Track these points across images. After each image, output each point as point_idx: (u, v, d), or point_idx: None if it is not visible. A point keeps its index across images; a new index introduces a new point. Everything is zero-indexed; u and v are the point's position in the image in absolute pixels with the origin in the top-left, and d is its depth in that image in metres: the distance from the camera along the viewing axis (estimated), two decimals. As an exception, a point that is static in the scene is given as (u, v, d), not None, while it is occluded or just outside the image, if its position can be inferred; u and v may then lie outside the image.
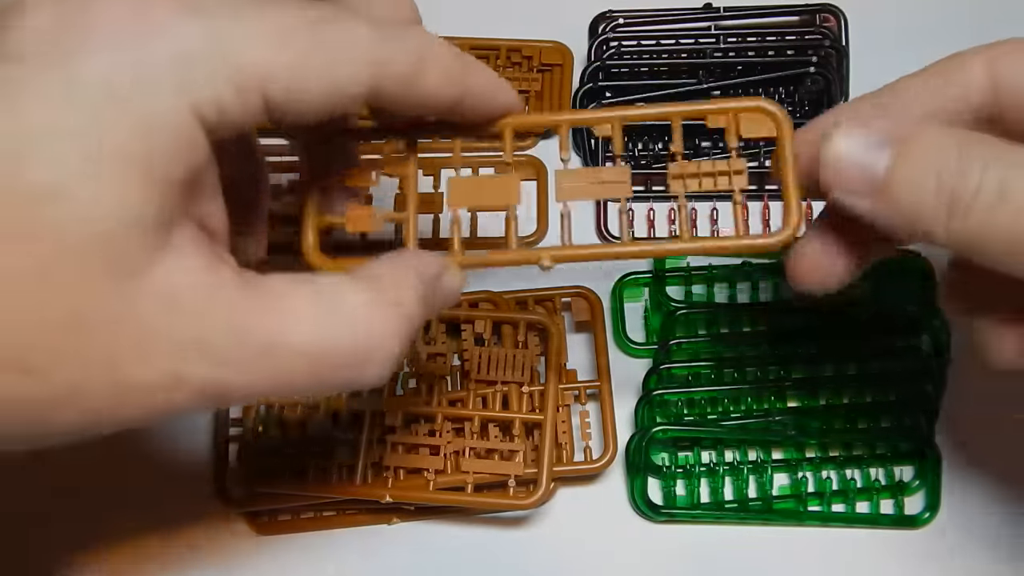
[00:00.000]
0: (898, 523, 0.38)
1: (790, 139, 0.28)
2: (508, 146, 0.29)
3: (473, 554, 0.38)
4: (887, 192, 0.24)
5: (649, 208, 0.44)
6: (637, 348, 0.41)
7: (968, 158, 0.23)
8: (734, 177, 0.28)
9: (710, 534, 0.38)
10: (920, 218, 0.24)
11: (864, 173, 0.24)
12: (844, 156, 0.25)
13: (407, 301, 0.24)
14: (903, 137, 0.24)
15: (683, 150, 0.29)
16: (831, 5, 0.46)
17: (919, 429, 0.38)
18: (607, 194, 0.28)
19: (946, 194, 0.23)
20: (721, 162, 0.28)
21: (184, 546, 0.39)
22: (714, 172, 0.28)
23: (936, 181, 0.23)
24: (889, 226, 0.25)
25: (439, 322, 0.40)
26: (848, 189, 0.25)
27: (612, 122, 0.28)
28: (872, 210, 0.25)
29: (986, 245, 0.23)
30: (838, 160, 0.25)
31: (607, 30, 0.47)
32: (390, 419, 0.38)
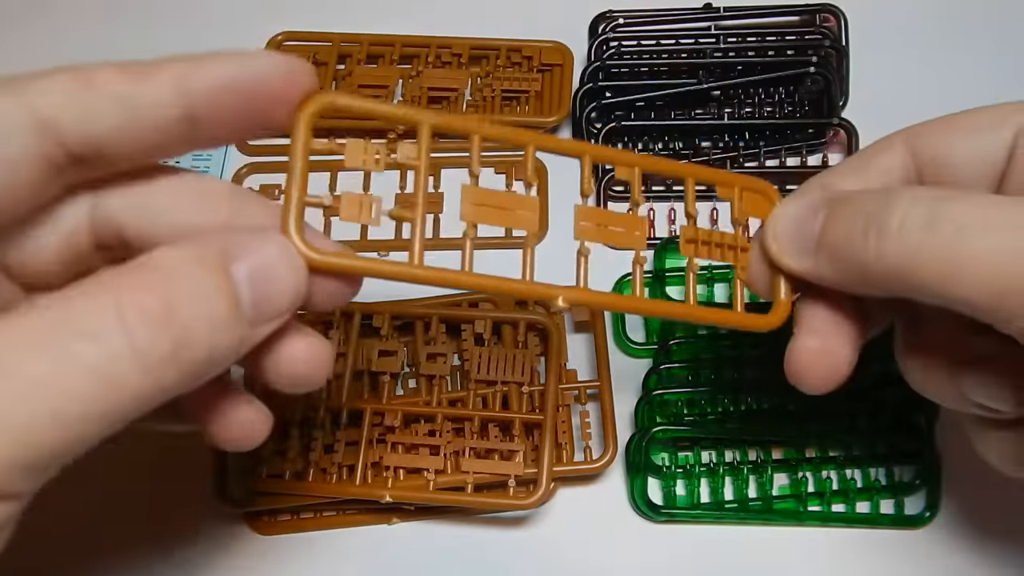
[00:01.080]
0: (898, 523, 0.38)
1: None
2: (530, 165, 0.26)
3: (473, 554, 0.38)
4: (823, 244, 0.26)
5: (649, 208, 0.44)
6: (637, 348, 0.41)
7: (894, 197, 0.25)
8: (739, 254, 0.29)
9: (710, 534, 0.38)
10: (852, 256, 0.25)
11: (803, 234, 0.27)
12: (783, 225, 0.27)
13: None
14: (835, 198, 0.27)
15: (696, 213, 0.29)
16: (831, 5, 0.47)
17: (919, 429, 0.38)
18: (621, 243, 0.27)
19: (874, 227, 0.25)
20: (729, 236, 0.29)
21: (184, 546, 0.39)
22: (723, 244, 0.29)
23: (864, 220, 0.25)
24: (832, 278, 0.26)
25: (439, 322, 0.40)
26: (792, 251, 0.27)
27: (633, 165, 0.28)
28: (815, 266, 0.27)
29: (916, 273, 0.24)
30: (781, 230, 0.27)
31: (607, 30, 0.47)
32: (390, 419, 0.38)
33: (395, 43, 0.49)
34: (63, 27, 0.52)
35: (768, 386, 0.39)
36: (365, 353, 0.39)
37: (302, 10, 0.51)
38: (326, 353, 0.25)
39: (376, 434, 0.38)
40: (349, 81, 0.47)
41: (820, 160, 0.45)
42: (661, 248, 0.42)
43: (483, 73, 0.48)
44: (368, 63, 0.49)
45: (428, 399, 0.39)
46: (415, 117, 0.25)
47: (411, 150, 0.25)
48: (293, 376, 0.24)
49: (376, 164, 0.25)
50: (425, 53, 0.48)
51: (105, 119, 0.21)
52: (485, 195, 0.26)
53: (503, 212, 0.26)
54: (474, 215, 0.25)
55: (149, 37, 0.51)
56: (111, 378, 0.19)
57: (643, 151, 0.45)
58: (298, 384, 0.24)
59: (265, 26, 0.49)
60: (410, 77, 0.48)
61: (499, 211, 0.26)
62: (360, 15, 0.50)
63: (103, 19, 0.52)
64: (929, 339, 0.29)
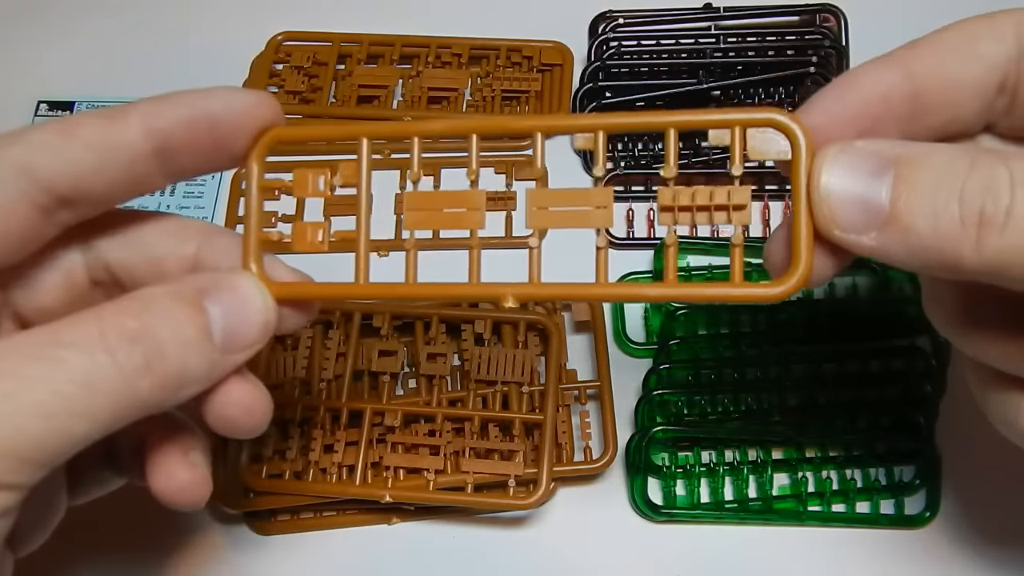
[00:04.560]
0: (898, 523, 0.38)
1: (808, 164, 0.23)
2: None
3: (473, 554, 0.38)
4: (895, 224, 0.22)
5: (649, 208, 0.44)
6: (637, 348, 0.41)
7: (995, 174, 0.21)
8: (734, 214, 0.23)
9: (710, 534, 0.38)
10: (943, 246, 0.21)
11: (863, 207, 0.22)
12: (836, 191, 0.22)
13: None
14: (902, 158, 0.22)
15: (676, 173, 0.24)
16: (831, 5, 0.47)
17: (919, 429, 0.38)
18: (586, 223, 0.24)
19: (973, 217, 0.21)
20: (720, 191, 0.23)
21: (184, 546, 0.38)
22: (710, 206, 0.23)
23: (958, 204, 0.21)
24: (901, 261, 0.22)
25: (439, 322, 0.40)
26: (849, 224, 0.22)
27: (595, 130, 0.24)
28: (879, 246, 0.22)
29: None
30: (830, 196, 0.22)
31: (607, 30, 0.47)
32: (390, 419, 0.38)
33: (395, 43, 0.49)
34: (63, 27, 0.52)
35: (768, 386, 0.39)
36: (365, 353, 0.39)
37: (302, 10, 0.51)
38: (262, 404, 0.26)
39: (376, 434, 0.38)
40: (349, 81, 0.47)
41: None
42: (661, 248, 0.42)
43: (483, 73, 0.48)
44: (368, 63, 0.49)
45: (428, 399, 0.39)
46: (354, 131, 0.26)
47: (349, 169, 0.26)
48: (227, 420, 0.26)
49: (322, 190, 0.26)
50: (425, 53, 0.48)
51: (84, 163, 0.24)
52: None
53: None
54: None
55: (149, 37, 0.51)
56: (92, 382, 0.22)
57: (643, 151, 0.45)
58: (232, 429, 0.26)
59: (265, 26, 0.49)
60: (410, 77, 0.48)
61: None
62: (360, 15, 0.50)
63: (103, 19, 0.52)
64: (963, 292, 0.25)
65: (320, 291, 0.27)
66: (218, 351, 0.24)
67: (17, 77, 0.50)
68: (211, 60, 0.50)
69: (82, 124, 0.24)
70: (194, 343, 0.24)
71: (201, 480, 0.27)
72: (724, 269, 0.41)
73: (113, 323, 0.23)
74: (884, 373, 0.39)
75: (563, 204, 0.24)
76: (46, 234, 0.25)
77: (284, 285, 0.26)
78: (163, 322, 0.23)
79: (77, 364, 0.22)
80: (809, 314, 0.40)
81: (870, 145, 0.23)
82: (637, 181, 0.45)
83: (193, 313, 0.24)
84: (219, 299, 0.24)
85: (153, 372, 0.23)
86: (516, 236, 0.44)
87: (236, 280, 0.25)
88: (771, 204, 0.43)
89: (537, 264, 0.24)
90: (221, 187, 0.47)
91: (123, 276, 0.27)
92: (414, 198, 0.25)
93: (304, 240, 0.26)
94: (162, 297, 0.24)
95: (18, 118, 0.49)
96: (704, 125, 0.23)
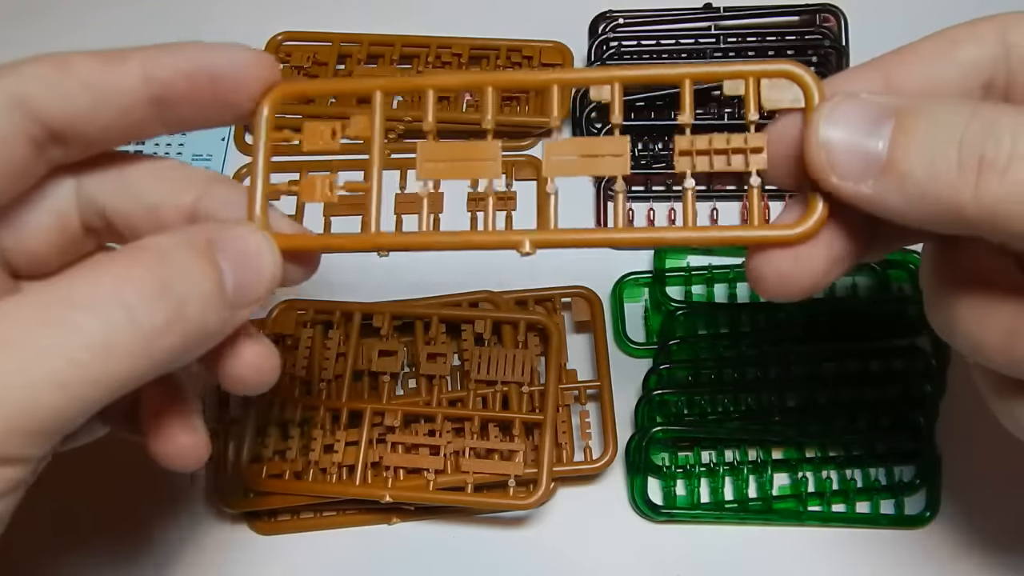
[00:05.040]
0: (898, 523, 0.38)
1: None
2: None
3: (473, 554, 0.38)
4: (892, 171, 0.21)
5: (649, 208, 0.44)
6: (637, 348, 0.41)
7: (997, 119, 0.21)
8: (751, 156, 0.24)
9: (710, 534, 0.38)
10: (940, 192, 0.21)
11: (861, 155, 0.22)
12: (835, 139, 0.22)
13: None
14: (902, 108, 0.22)
15: (692, 120, 0.24)
16: (831, 5, 0.47)
17: (919, 429, 0.38)
18: (602, 170, 0.24)
19: (972, 162, 0.20)
20: (736, 137, 0.24)
21: (185, 546, 0.38)
22: (727, 149, 0.24)
23: (957, 147, 0.21)
24: (897, 211, 0.22)
25: (439, 322, 0.40)
26: (845, 171, 0.22)
27: (611, 82, 0.24)
28: (875, 195, 0.22)
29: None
30: (828, 143, 0.22)
31: (607, 30, 0.47)
32: (390, 419, 0.38)
33: (395, 43, 0.48)
34: (63, 27, 0.52)
35: (768, 386, 0.39)
36: (365, 353, 0.39)
37: (302, 10, 0.51)
38: (272, 360, 0.26)
39: (376, 434, 0.38)
40: (349, 81, 0.48)
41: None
42: (661, 248, 0.42)
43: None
44: (368, 63, 0.48)
45: (428, 399, 0.39)
46: (366, 85, 0.26)
47: (362, 122, 0.25)
48: (241, 380, 0.26)
49: (332, 142, 0.26)
50: (425, 53, 0.48)
51: (79, 100, 0.23)
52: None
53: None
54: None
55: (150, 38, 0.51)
56: (110, 345, 0.21)
57: (643, 151, 0.45)
58: (247, 387, 0.26)
59: (265, 26, 0.49)
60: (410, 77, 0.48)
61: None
62: (360, 15, 0.50)
63: (103, 18, 0.52)
64: (972, 270, 0.24)
65: (326, 242, 0.26)
66: (229, 306, 0.23)
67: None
68: (211, 60, 0.50)
69: (80, 62, 0.24)
70: (212, 298, 0.23)
71: (201, 443, 0.26)
72: (724, 269, 0.41)
73: (129, 278, 0.21)
74: (884, 373, 0.39)
75: (579, 153, 0.24)
76: (37, 172, 0.24)
77: (288, 237, 0.25)
78: (182, 276, 0.22)
79: (93, 328, 0.21)
80: (809, 314, 0.40)
81: (872, 96, 0.23)
82: (637, 181, 0.45)
83: (209, 266, 0.23)
84: (229, 252, 0.24)
85: (173, 331, 0.22)
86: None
87: (245, 232, 0.24)
88: (771, 205, 0.43)
89: (555, 212, 0.25)
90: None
91: (118, 223, 0.26)
92: (430, 148, 0.25)
93: (313, 191, 0.26)
94: (176, 248, 0.23)
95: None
96: (718, 76, 0.24)
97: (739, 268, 0.41)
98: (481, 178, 0.25)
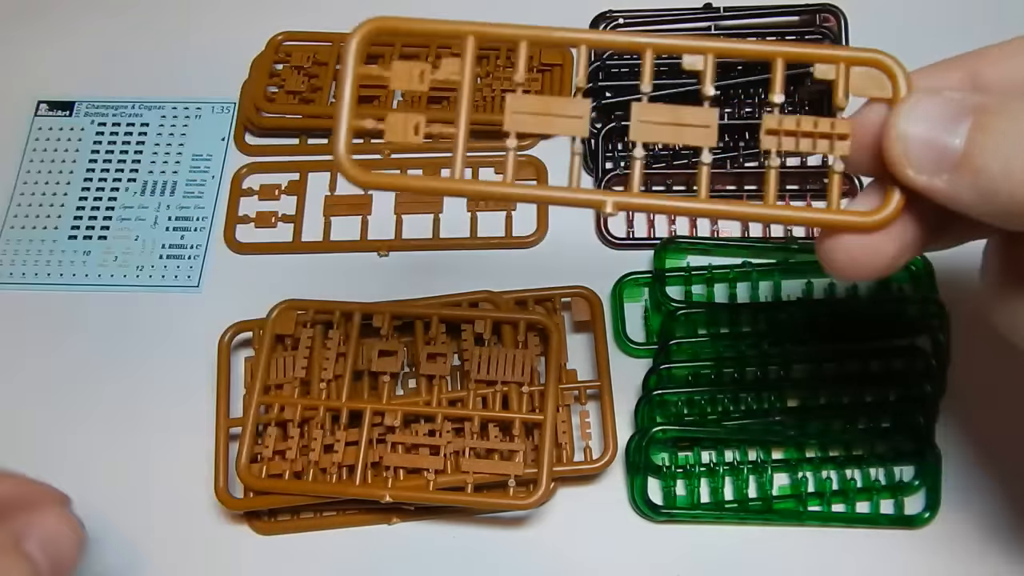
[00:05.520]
0: (898, 523, 0.38)
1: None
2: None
3: (473, 554, 0.38)
4: (967, 166, 0.22)
5: (649, 208, 0.44)
6: (637, 348, 0.41)
7: None
8: (836, 142, 0.24)
9: (710, 534, 0.38)
10: (1014, 189, 0.21)
11: (937, 149, 0.22)
12: (912, 132, 0.23)
13: None
14: (980, 106, 0.22)
15: (783, 100, 0.25)
16: (831, 5, 0.47)
17: (919, 429, 0.38)
18: (690, 139, 0.25)
19: None
20: (824, 121, 0.24)
21: (184, 546, 0.39)
22: (814, 132, 0.24)
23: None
24: (970, 206, 0.22)
25: (439, 322, 0.40)
26: (920, 164, 0.23)
27: (705, 53, 0.25)
28: (949, 189, 0.22)
29: None
30: (906, 137, 0.23)
31: (607, 30, 0.47)
32: (390, 419, 0.38)
33: (395, 43, 0.48)
34: (63, 27, 0.52)
35: (768, 386, 0.39)
36: (365, 353, 0.39)
37: (302, 10, 0.51)
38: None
39: (376, 434, 0.38)
40: (349, 81, 0.47)
41: (820, 160, 0.45)
42: (661, 248, 0.42)
43: (483, 73, 0.48)
44: (368, 63, 0.48)
45: (428, 399, 0.39)
46: (457, 29, 0.26)
47: (454, 65, 0.25)
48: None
49: (421, 83, 0.26)
50: (425, 53, 0.48)
51: None
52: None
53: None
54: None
55: (150, 37, 0.51)
56: None
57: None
58: None
59: (265, 26, 0.49)
60: (410, 77, 0.48)
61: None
62: (360, 15, 0.50)
63: (103, 19, 0.52)
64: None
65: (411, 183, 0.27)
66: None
67: (17, 77, 0.50)
68: (211, 60, 0.50)
69: None
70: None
71: None
72: (724, 269, 0.41)
73: None
74: (884, 373, 0.39)
75: (667, 120, 0.25)
76: None
77: (377, 174, 0.25)
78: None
79: None
80: (809, 314, 0.40)
81: (953, 93, 0.23)
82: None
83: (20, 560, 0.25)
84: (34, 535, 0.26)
85: None
86: (516, 236, 0.44)
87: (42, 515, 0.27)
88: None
89: (640, 174, 0.25)
90: (221, 187, 0.47)
91: None
92: (519, 100, 0.25)
93: (398, 130, 0.25)
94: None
95: (18, 118, 0.49)
96: (812, 58, 0.25)
97: (739, 268, 0.41)
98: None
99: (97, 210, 0.46)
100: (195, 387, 0.41)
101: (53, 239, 0.46)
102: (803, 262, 0.41)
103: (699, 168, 0.25)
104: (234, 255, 0.45)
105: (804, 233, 0.43)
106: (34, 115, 0.49)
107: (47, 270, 0.45)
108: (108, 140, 0.48)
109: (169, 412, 0.41)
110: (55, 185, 0.47)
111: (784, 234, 0.43)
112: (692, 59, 0.25)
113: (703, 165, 0.25)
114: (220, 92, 0.49)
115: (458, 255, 0.44)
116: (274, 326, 0.40)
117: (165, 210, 0.46)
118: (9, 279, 0.45)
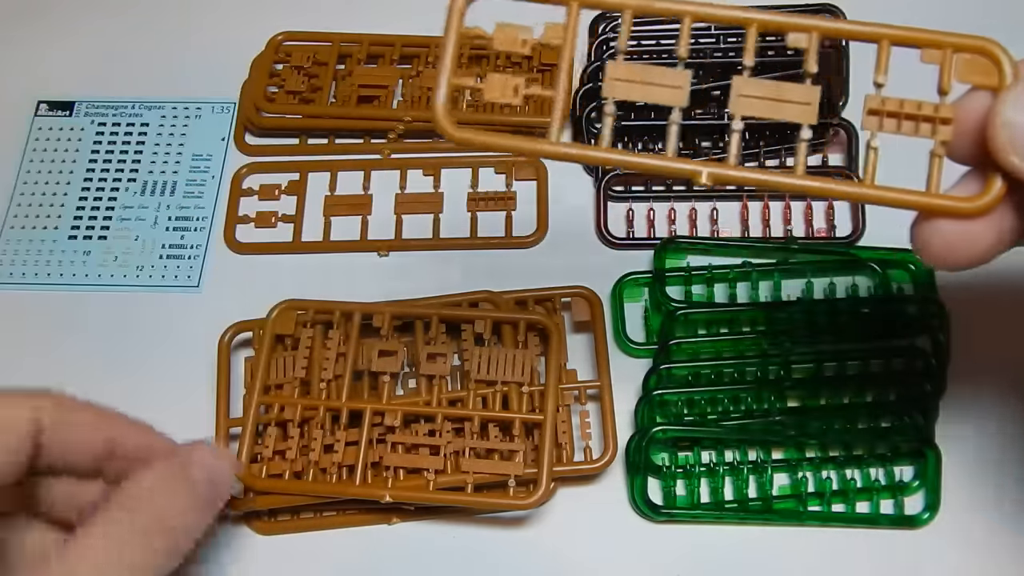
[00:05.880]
0: (898, 523, 0.38)
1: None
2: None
3: (473, 554, 0.38)
4: None
5: (649, 208, 0.44)
6: (637, 348, 0.41)
7: None
8: (939, 127, 0.24)
9: (710, 534, 0.38)
10: None
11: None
12: (1018, 118, 0.23)
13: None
14: None
15: (886, 81, 0.25)
16: (831, 5, 0.46)
17: (919, 429, 0.38)
18: (790, 115, 0.25)
19: None
20: (928, 105, 0.24)
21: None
22: (918, 115, 0.24)
23: None
24: None
25: (439, 322, 0.40)
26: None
27: (809, 31, 0.25)
28: None
29: None
30: (1012, 122, 0.23)
31: (607, 30, 0.47)
32: (390, 419, 0.38)
33: (395, 43, 0.48)
34: (63, 27, 0.52)
35: (768, 386, 0.39)
36: (365, 353, 0.39)
37: (302, 10, 0.51)
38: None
39: (376, 434, 0.38)
40: (349, 81, 0.47)
41: (820, 160, 0.45)
42: (661, 248, 0.42)
43: (483, 73, 0.48)
44: (368, 63, 0.48)
45: (428, 399, 0.39)
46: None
47: (556, 30, 0.27)
48: None
49: (523, 45, 0.27)
50: (425, 53, 0.48)
51: None
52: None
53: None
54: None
55: (150, 37, 0.51)
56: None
57: (643, 151, 0.45)
58: None
59: (265, 26, 0.49)
60: (410, 77, 0.48)
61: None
62: (360, 15, 0.50)
63: (103, 19, 0.52)
64: None
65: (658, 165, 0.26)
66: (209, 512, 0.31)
67: (17, 77, 0.50)
68: (211, 60, 0.50)
69: None
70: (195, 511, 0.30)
71: None
72: (724, 269, 0.41)
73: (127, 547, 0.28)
74: (884, 373, 0.39)
75: (767, 96, 0.25)
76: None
77: (477, 131, 0.27)
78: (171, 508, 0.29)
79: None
80: (809, 314, 0.40)
81: None
82: (637, 181, 0.45)
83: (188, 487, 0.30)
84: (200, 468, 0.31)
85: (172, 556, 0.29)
86: (516, 236, 0.44)
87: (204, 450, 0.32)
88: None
89: (738, 147, 0.25)
90: (221, 187, 0.47)
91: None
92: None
93: (496, 89, 0.26)
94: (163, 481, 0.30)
95: (18, 118, 0.49)
96: (918, 42, 0.25)
97: (739, 268, 0.41)
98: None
99: (97, 210, 0.46)
100: (195, 387, 0.41)
101: (53, 239, 0.46)
102: (803, 262, 0.41)
103: (798, 145, 0.25)
104: (234, 255, 0.45)
105: (804, 233, 0.43)
106: (34, 115, 0.49)
107: (47, 270, 0.45)
108: (108, 140, 0.48)
109: (169, 412, 0.41)
110: (55, 185, 0.47)
111: (784, 234, 0.43)
112: (796, 38, 0.25)
113: (802, 141, 0.25)
114: (220, 92, 0.49)
115: (458, 255, 0.44)
116: (274, 326, 0.40)
117: (165, 210, 0.46)
118: (9, 279, 0.45)
